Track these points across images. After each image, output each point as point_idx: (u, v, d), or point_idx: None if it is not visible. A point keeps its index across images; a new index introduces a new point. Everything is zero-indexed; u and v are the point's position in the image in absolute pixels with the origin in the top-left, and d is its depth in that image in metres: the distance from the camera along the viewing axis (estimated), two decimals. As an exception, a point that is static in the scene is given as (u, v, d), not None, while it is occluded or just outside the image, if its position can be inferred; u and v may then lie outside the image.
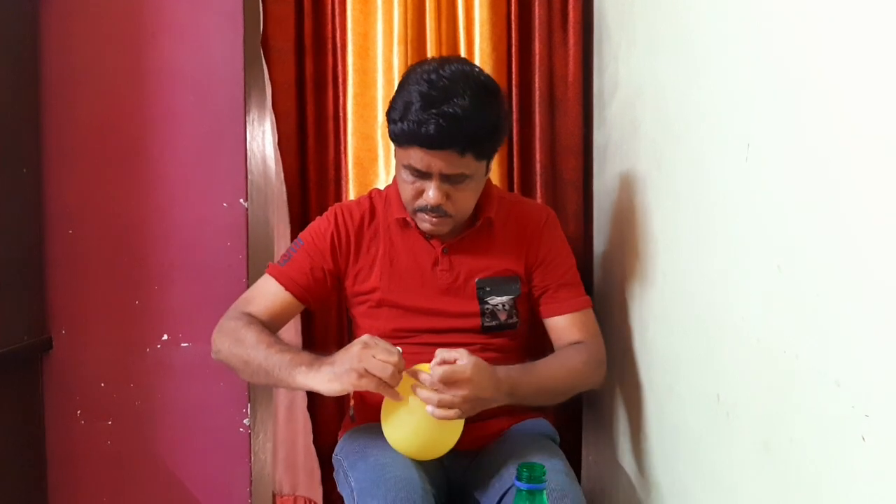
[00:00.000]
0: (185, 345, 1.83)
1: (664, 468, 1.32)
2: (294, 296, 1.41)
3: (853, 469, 0.74)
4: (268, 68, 1.71)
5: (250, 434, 1.83)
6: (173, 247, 1.82)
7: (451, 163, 1.25)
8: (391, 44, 1.72)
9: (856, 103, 0.74)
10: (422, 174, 1.28)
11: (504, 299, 1.41)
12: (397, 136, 1.28)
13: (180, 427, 1.84)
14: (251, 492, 1.83)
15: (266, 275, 1.44)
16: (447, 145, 1.23)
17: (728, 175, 1.02)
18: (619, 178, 1.56)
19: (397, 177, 1.36)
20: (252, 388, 1.82)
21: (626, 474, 1.51)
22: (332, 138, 1.78)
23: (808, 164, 0.82)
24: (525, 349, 1.49)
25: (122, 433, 1.84)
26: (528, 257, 1.43)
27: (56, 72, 1.78)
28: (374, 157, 1.74)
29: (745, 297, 0.98)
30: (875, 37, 0.71)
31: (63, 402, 1.83)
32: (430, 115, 1.21)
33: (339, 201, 1.75)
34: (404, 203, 1.36)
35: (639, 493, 1.44)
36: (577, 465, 1.78)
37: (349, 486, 1.30)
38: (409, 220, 1.39)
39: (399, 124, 1.25)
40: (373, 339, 1.19)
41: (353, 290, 1.44)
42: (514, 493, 0.98)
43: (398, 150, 1.31)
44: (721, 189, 1.05)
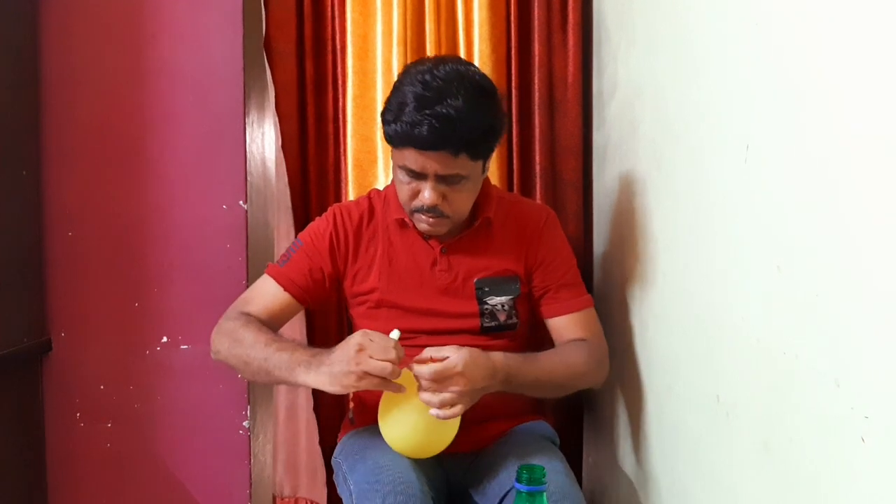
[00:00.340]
0: (185, 347, 1.83)
1: (664, 468, 1.32)
2: (293, 296, 1.40)
3: (853, 469, 0.74)
4: (270, 70, 1.71)
5: (250, 436, 1.83)
6: (173, 248, 1.82)
7: (445, 164, 1.25)
8: (390, 45, 1.72)
9: (855, 103, 0.73)
10: (417, 175, 1.28)
11: (503, 299, 1.41)
12: (391, 137, 1.28)
13: (180, 429, 1.84)
14: (251, 494, 1.83)
15: (265, 275, 1.43)
16: (441, 146, 1.22)
17: (727, 175, 1.02)
18: (619, 179, 1.56)
19: (394, 177, 1.36)
20: (252, 390, 1.82)
21: (626, 475, 1.51)
22: (331, 140, 1.78)
23: (807, 164, 0.82)
24: (525, 350, 1.48)
25: (121, 435, 1.84)
26: (527, 258, 1.43)
27: (56, 72, 1.79)
28: (373, 159, 1.74)
29: (744, 297, 0.98)
30: (875, 37, 0.70)
31: (63, 404, 1.83)
32: (424, 116, 1.20)
33: (338, 202, 1.75)
34: (402, 204, 1.36)
35: (639, 493, 1.44)
36: (577, 467, 1.78)
37: (348, 488, 1.30)
38: (408, 220, 1.39)
39: (393, 125, 1.25)
40: (367, 338, 1.17)
41: (352, 291, 1.44)
42: (514, 495, 0.98)
43: (393, 151, 1.31)
44: (720, 189, 1.05)
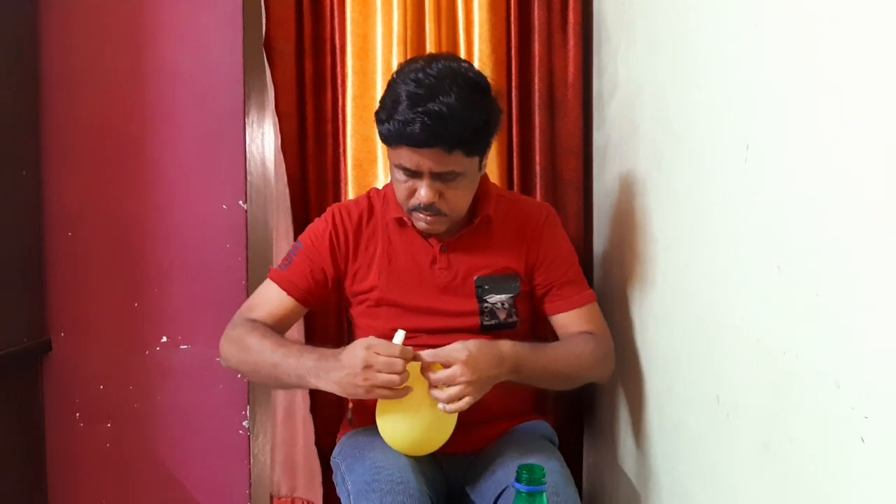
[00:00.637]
0: (185, 347, 1.83)
1: (664, 469, 1.32)
2: (296, 300, 1.41)
3: (853, 470, 0.74)
4: (270, 70, 1.71)
5: (249, 436, 1.83)
6: (172, 249, 1.82)
7: (439, 161, 1.25)
8: (390, 45, 1.72)
9: (856, 103, 0.73)
10: (413, 173, 1.28)
11: (503, 297, 1.41)
12: (385, 136, 1.28)
13: (179, 429, 1.84)
14: (250, 493, 1.83)
15: (268, 280, 1.44)
16: (434, 143, 1.22)
17: (727, 175, 1.02)
18: (619, 179, 1.56)
19: (391, 177, 1.36)
20: (251, 390, 1.82)
21: (626, 475, 1.51)
22: (330, 140, 1.78)
23: (807, 164, 0.82)
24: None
25: (121, 435, 1.84)
26: (528, 256, 1.43)
27: (55, 72, 1.79)
28: (373, 159, 1.74)
29: (745, 297, 0.98)
30: (875, 37, 0.70)
31: (62, 404, 1.83)
32: (416, 113, 1.20)
33: (337, 202, 1.75)
34: (399, 202, 1.36)
35: (639, 493, 1.44)
36: (577, 467, 1.78)
37: (346, 488, 1.30)
38: (407, 219, 1.39)
39: (386, 124, 1.25)
40: (372, 353, 1.17)
41: (352, 290, 1.44)
42: (513, 494, 0.98)
43: (389, 150, 1.31)
44: (721, 189, 1.05)
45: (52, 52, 1.78)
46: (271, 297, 1.41)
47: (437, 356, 1.20)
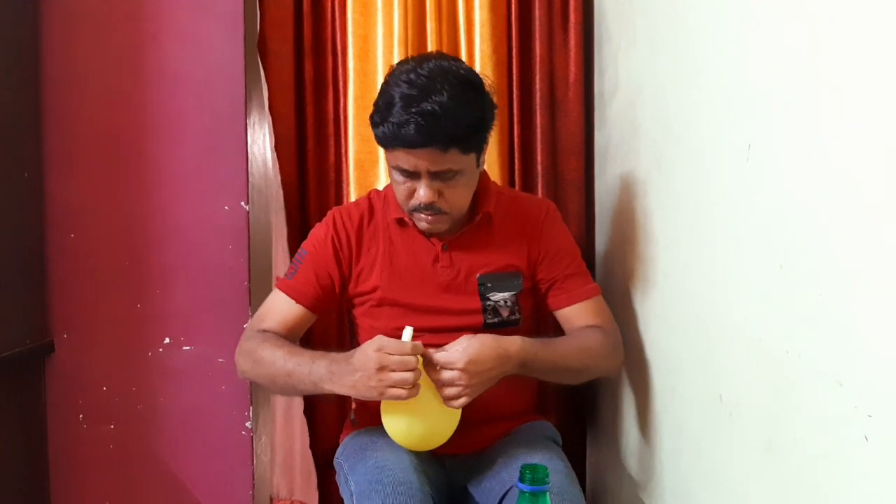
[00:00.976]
0: (187, 348, 1.83)
1: (667, 468, 1.32)
2: (305, 307, 1.42)
3: (856, 469, 0.74)
4: (264, 71, 1.71)
5: (252, 437, 1.83)
6: (175, 250, 1.82)
7: (435, 160, 1.25)
8: (391, 46, 1.72)
9: (857, 103, 0.73)
10: (410, 174, 1.28)
11: (506, 295, 1.40)
12: (381, 139, 1.28)
13: (182, 430, 1.84)
14: (253, 495, 1.83)
15: (275, 289, 1.45)
16: (428, 143, 1.22)
17: (729, 175, 1.02)
18: (621, 179, 1.56)
19: (390, 178, 1.36)
20: (254, 391, 1.82)
21: (629, 475, 1.51)
22: (332, 141, 1.78)
23: (809, 163, 0.82)
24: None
25: (124, 437, 1.84)
26: (530, 252, 1.43)
27: (57, 74, 1.79)
28: (374, 160, 1.74)
29: (747, 296, 0.98)
30: (876, 36, 0.70)
31: (65, 406, 1.83)
32: (410, 114, 1.20)
33: (339, 204, 1.75)
34: (400, 204, 1.37)
35: (642, 493, 1.44)
36: (580, 467, 1.78)
37: (349, 488, 1.30)
38: (407, 219, 1.39)
39: (381, 127, 1.25)
40: (384, 353, 1.17)
41: (355, 291, 1.44)
42: (516, 495, 0.98)
43: (386, 153, 1.31)
44: (722, 189, 1.05)
45: (54, 54, 1.78)
46: (280, 307, 1.42)
47: (438, 359, 1.20)
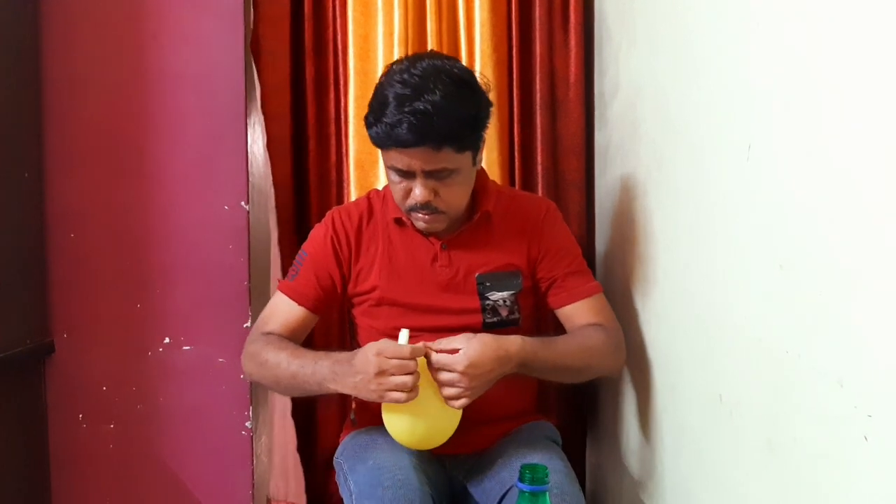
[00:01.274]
0: (187, 348, 1.83)
1: (667, 468, 1.32)
2: (307, 309, 1.42)
3: (856, 469, 0.74)
4: (257, 70, 1.71)
5: (252, 437, 1.83)
6: (175, 249, 1.82)
7: (429, 159, 1.25)
8: (392, 46, 1.72)
9: (858, 102, 0.73)
10: (406, 174, 1.29)
11: (505, 294, 1.40)
12: (375, 140, 1.29)
13: (182, 430, 1.84)
14: (253, 495, 1.83)
15: (277, 292, 1.46)
16: (421, 142, 1.22)
17: (729, 175, 1.02)
18: (621, 179, 1.56)
19: (387, 178, 1.36)
20: (254, 391, 1.82)
21: (629, 475, 1.51)
22: (333, 140, 1.78)
23: (810, 163, 0.82)
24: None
25: (124, 436, 1.84)
26: (530, 251, 1.43)
27: (57, 74, 1.78)
28: (374, 160, 1.74)
29: (747, 296, 0.98)
30: (877, 36, 0.70)
31: (65, 406, 1.83)
32: (403, 114, 1.20)
33: (340, 203, 1.75)
34: (397, 204, 1.37)
35: (642, 493, 1.44)
36: (580, 467, 1.78)
37: (348, 488, 1.30)
38: (405, 219, 1.39)
39: (375, 127, 1.26)
40: (383, 358, 1.18)
41: (354, 291, 1.44)
42: (516, 494, 0.98)
43: (381, 153, 1.32)
44: (722, 189, 1.05)
45: (54, 53, 1.78)
46: (283, 309, 1.43)
47: (439, 361, 1.20)
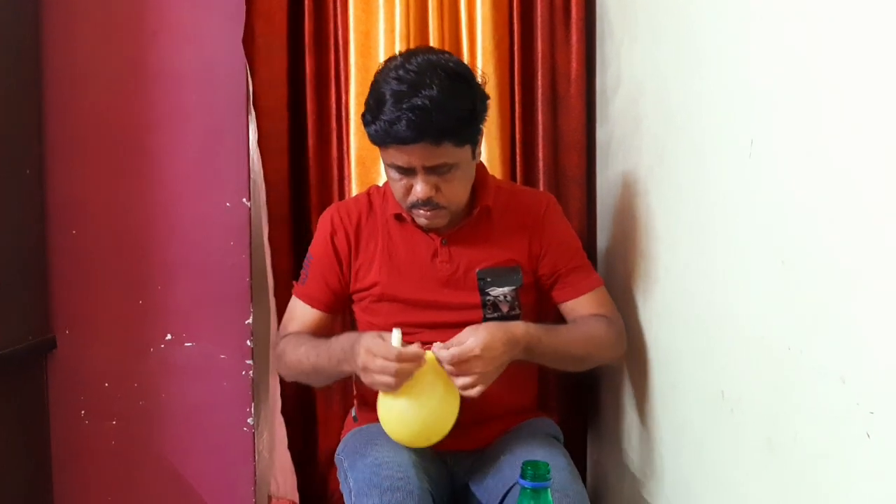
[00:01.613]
0: (189, 344, 1.83)
1: (668, 465, 1.32)
2: (321, 311, 1.45)
3: (857, 466, 0.74)
4: (250, 65, 1.71)
5: (254, 433, 1.83)
6: (176, 246, 1.82)
7: (429, 155, 1.25)
8: (393, 42, 1.72)
9: (861, 98, 0.73)
10: (406, 171, 1.28)
11: (505, 290, 1.40)
12: (374, 138, 1.29)
13: (184, 426, 1.84)
14: (255, 491, 1.83)
15: (293, 296, 1.49)
16: (420, 138, 1.22)
17: (732, 170, 1.02)
18: (623, 175, 1.56)
19: (386, 176, 1.36)
20: (256, 388, 1.82)
21: (630, 472, 1.51)
22: (334, 137, 1.78)
23: (813, 158, 0.82)
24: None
25: (126, 433, 1.84)
26: (531, 246, 1.43)
27: (58, 71, 1.78)
28: (375, 156, 1.74)
29: (748, 293, 0.98)
30: (879, 32, 0.70)
31: (67, 402, 1.83)
32: (401, 111, 1.20)
33: (341, 199, 1.75)
34: (398, 200, 1.36)
35: (643, 490, 1.44)
36: (581, 464, 1.78)
37: (348, 485, 1.30)
38: (405, 215, 1.39)
39: (373, 125, 1.26)
40: (370, 356, 1.19)
41: (355, 287, 1.44)
42: (518, 492, 0.98)
43: (380, 151, 1.32)
44: (724, 185, 1.05)
45: (55, 51, 1.78)
46: (300, 313, 1.47)
47: (453, 355, 1.19)
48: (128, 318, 1.82)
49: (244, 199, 1.80)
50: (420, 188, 1.29)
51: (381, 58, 1.72)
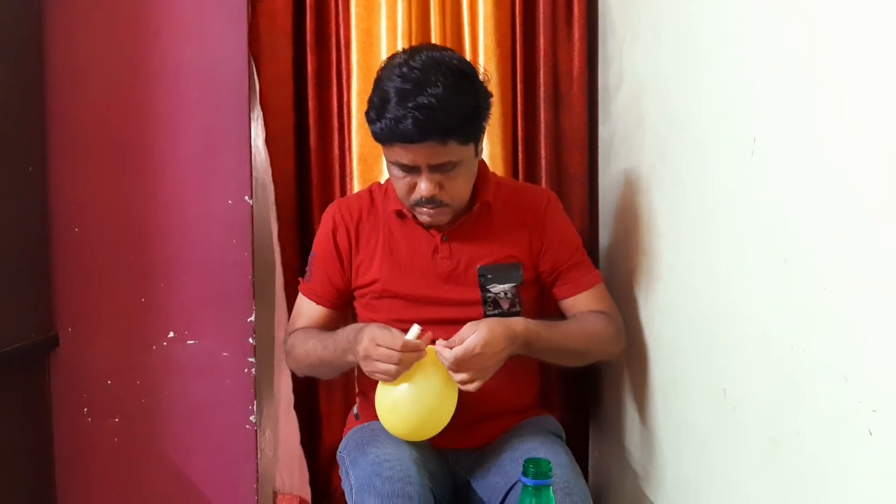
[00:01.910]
0: (192, 342, 1.83)
1: (670, 463, 1.32)
2: (327, 308, 1.47)
3: (860, 464, 0.74)
4: (256, 64, 1.71)
5: (256, 431, 1.83)
6: (179, 244, 1.82)
7: (434, 153, 1.25)
8: (395, 40, 1.71)
9: (863, 96, 0.73)
10: (410, 169, 1.28)
11: (506, 287, 1.40)
12: (378, 135, 1.28)
13: (187, 424, 1.84)
14: (257, 489, 1.84)
15: (300, 293, 1.51)
16: (427, 137, 1.22)
17: (734, 168, 1.02)
18: (625, 173, 1.56)
19: (389, 174, 1.36)
20: (259, 385, 1.82)
21: (632, 470, 1.51)
22: (335, 135, 1.78)
23: (815, 157, 0.82)
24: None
25: (129, 430, 1.84)
26: (532, 243, 1.43)
27: (60, 69, 1.78)
28: (377, 154, 1.74)
29: (751, 291, 0.98)
30: (882, 30, 0.70)
31: (70, 400, 1.83)
32: (407, 109, 1.20)
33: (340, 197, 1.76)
34: (400, 199, 1.36)
35: (645, 488, 1.44)
36: (584, 462, 1.78)
37: (349, 482, 1.30)
38: (406, 211, 1.39)
39: (378, 123, 1.26)
40: (373, 344, 1.21)
41: (356, 283, 1.44)
42: (520, 489, 0.98)
43: (384, 149, 1.31)
44: (727, 183, 1.05)
45: (57, 48, 1.78)
46: (307, 310, 1.49)
47: (457, 353, 1.20)
48: (130, 315, 1.82)
49: (246, 197, 1.80)
50: (424, 186, 1.29)
51: (384, 55, 1.72)
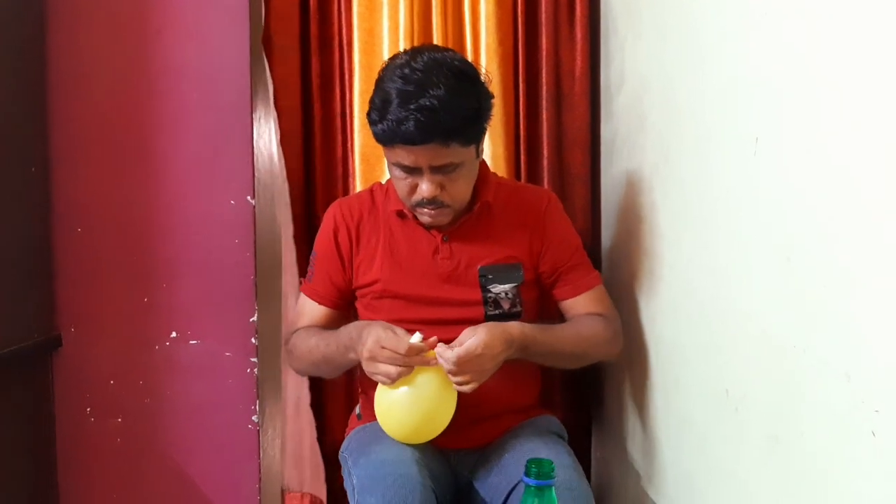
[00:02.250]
0: (194, 342, 1.83)
1: (672, 463, 1.31)
2: (328, 307, 1.46)
3: (862, 464, 0.74)
4: (269, 65, 1.71)
5: (259, 431, 1.83)
6: (181, 244, 1.82)
7: (436, 155, 1.25)
8: (397, 40, 1.71)
9: (866, 95, 0.73)
10: (412, 170, 1.28)
11: (507, 287, 1.40)
12: (380, 137, 1.28)
13: (189, 424, 1.85)
14: (260, 488, 1.84)
15: (301, 293, 1.51)
16: (429, 139, 1.22)
17: (737, 168, 1.01)
18: (627, 172, 1.56)
19: (390, 175, 1.36)
20: (261, 385, 1.83)
21: (634, 469, 1.51)
22: (339, 135, 1.78)
23: (818, 156, 0.82)
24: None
25: (131, 430, 1.85)
26: (532, 243, 1.43)
27: (63, 70, 1.79)
28: (380, 154, 1.73)
29: (752, 290, 0.97)
30: (884, 30, 0.70)
31: (73, 400, 1.84)
32: (409, 111, 1.20)
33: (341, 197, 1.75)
34: (401, 200, 1.36)
35: (647, 487, 1.44)
36: (586, 461, 1.78)
37: (351, 482, 1.30)
38: (407, 211, 1.39)
39: (379, 125, 1.25)
40: (378, 346, 1.21)
41: (357, 283, 1.44)
42: (523, 490, 0.98)
43: (385, 150, 1.31)
44: (729, 182, 1.05)
45: (60, 49, 1.78)
46: (308, 309, 1.48)
47: (457, 354, 1.20)
48: (133, 315, 1.83)
49: (248, 197, 1.80)
50: (426, 187, 1.29)
51: (385, 56, 1.72)
